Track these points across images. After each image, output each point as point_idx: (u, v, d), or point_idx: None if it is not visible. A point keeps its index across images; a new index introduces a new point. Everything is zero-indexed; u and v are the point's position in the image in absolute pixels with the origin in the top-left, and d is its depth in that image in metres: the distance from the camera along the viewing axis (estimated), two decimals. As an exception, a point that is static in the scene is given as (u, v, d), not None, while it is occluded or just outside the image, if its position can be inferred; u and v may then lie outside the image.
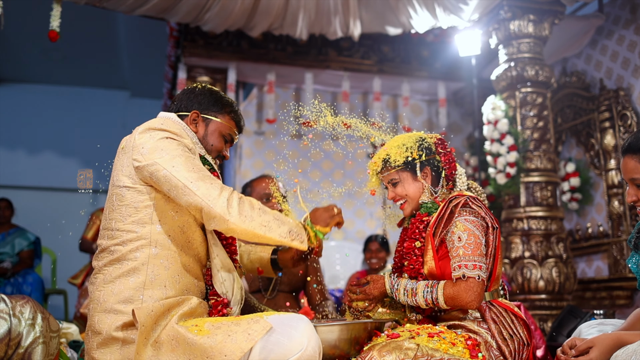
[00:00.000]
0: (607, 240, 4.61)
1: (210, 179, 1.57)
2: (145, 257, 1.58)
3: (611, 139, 4.58)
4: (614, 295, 4.45)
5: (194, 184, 1.53)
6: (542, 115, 4.06)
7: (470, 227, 1.75)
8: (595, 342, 1.56)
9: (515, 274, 3.80)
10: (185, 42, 5.10)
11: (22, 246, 5.21)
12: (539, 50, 4.12)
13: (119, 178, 1.64)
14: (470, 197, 1.79)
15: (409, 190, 1.90)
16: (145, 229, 1.59)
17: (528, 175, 3.98)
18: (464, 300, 1.69)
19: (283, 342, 1.43)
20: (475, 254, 1.71)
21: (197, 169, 1.57)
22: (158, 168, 1.56)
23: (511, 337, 1.71)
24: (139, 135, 1.63)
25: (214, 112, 1.81)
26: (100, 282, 1.59)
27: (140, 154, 1.59)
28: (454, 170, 1.93)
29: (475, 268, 1.70)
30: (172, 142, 1.61)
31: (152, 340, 1.50)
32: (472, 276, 1.69)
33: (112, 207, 1.64)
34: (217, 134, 1.80)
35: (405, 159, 1.89)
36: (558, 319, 3.19)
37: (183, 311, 1.56)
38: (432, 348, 1.57)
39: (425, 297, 1.74)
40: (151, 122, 1.67)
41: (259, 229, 1.55)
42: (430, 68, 5.67)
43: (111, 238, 1.61)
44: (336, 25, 4.33)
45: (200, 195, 1.52)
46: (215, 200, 1.52)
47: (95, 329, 1.55)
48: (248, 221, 1.54)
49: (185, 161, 1.57)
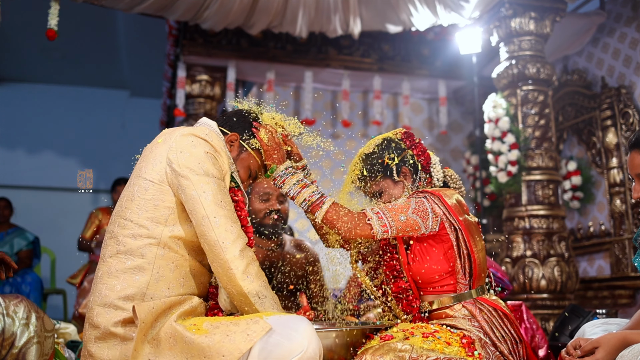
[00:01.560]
0: (609, 239, 4.58)
1: (232, 222, 1.56)
2: (153, 257, 1.55)
3: (613, 137, 4.56)
4: (616, 295, 4.42)
5: (217, 219, 1.53)
6: (543, 113, 4.03)
7: (411, 201, 1.74)
8: (601, 342, 1.53)
9: (516, 273, 3.77)
10: (185, 40, 5.07)
11: (21, 246, 5.20)
12: (540, 47, 4.09)
13: (147, 170, 1.60)
14: (432, 194, 1.77)
15: (395, 195, 1.87)
16: (157, 228, 1.56)
17: (529, 173, 3.95)
18: (338, 225, 1.69)
19: (283, 344, 1.40)
20: (390, 211, 1.71)
21: (225, 205, 1.56)
22: (189, 185, 1.55)
23: (504, 338, 1.68)
24: (181, 137, 1.61)
25: (254, 145, 1.78)
26: (104, 275, 1.56)
27: (177, 157, 1.57)
28: (429, 160, 1.92)
29: (376, 214, 1.70)
30: (210, 159, 1.59)
31: (150, 337, 1.47)
32: (368, 215, 1.69)
33: (131, 196, 1.60)
34: (245, 166, 1.78)
35: (380, 167, 1.87)
36: (560, 318, 3.16)
37: (184, 309, 1.53)
38: (427, 348, 1.54)
39: (304, 203, 1.74)
40: (196, 129, 1.65)
41: (254, 296, 1.54)
42: (431, 66, 5.64)
43: (122, 227, 1.58)
44: (336, 23, 4.30)
45: (217, 233, 1.52)
46: (229, 245, 1.52)
47: (93, 322, 1.52)
48: (248, 283, 1.53)
49: (217, 191, 1.56)
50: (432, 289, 1.79)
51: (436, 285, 1.78)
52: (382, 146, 1.90)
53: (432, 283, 1.78)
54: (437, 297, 1.78)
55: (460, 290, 1.76)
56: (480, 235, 1.82)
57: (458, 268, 1.75)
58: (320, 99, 5.92)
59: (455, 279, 1.76)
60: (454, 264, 1.76)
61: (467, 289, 1.76)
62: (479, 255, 1.77)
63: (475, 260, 1.76)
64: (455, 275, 1.76)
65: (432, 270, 1.76)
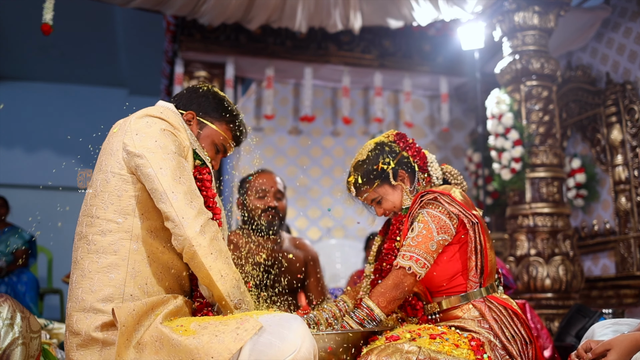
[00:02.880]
0: (613, 238, 4.51)
1: (193, 197, 1.47)
2: (126, 252, 1.48)
3: (618, 134, 4.48)
4: (622, 294, 4.34)
5: (175, 195, 1.44)
6: (547, 109, 3.96)
7: (427, 220, 1.66)
8: (613, 344, 1.46)
9: (520, 272, 3.69)
10: (182, 36, 5.00)
11: (17, 245, 5.14)
12: (544, 42, 4.01)
13: (107, 162, 1.53)
14: (441, 194, 1.69)
15: (395, 200, 1.82)
16: (127, 220, 1.49)
17: (533, 170, 3.88)
18: (394, 304, 1.65)
19: (274, 343, 1.32)
20: (419, 247, 1.63)
21: (184, 180, 1.48)
22: (144, 163, 1.46)
23: (513, 338, 1.62)
24: (135, 120, 1.53)
25: (211, 118, 1.71)
26: (78, 278, 1.48)
27: (132, 139, 1.49)
28: (425, 160, 1.86)
29: (410, 259, 1.62)
30: (168, 136, 1.51)
31: (134, 341, 1.40)
32: (403, 266, 1.62)
33: (95, 192, 1.53)
34: (209, 141, 1.70)
35: (375, 174, 1.80)
36: (566, 318, 3.09)
37: (168, 310, 1.46)
38: (435, 350, 1.47)
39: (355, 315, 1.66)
40: (150, 109, 1.57)
41: (216, 274, 1.46)
42: (432, 63, 5.56)
43: (90, 225, 1.50)
44: (336, 18, 4.22)
45: (176, 208, 1.43)
46: (189, 220, 1.43)
47: (73, 329, 1.45)
48: (212, 259, 1.45)
49: (175, 166, 1.48)
50: (442, 290, 1.73)
51: (447, 286, 1.72)
52: (375, 151, 1.84)
53: (442, 285, 1.72)
54: (447, 298, 1.72)
55: (470, 289, 1.70)
56: (489, 232, 1.77)
57: (472, 265, 1.69)
58: (320, 95, 5.85)
59: (466, 278, 1.70)
60: (466, 263, 1.70)
61: (478, 287, 1.70)
62: (491, 251, 1.73)
63: (487, 256, 1.70)
64: (466, 275, 1.70)
65: (444, 273, 1.71)
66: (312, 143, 5.79)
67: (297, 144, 5.77)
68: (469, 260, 1.69)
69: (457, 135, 6.13)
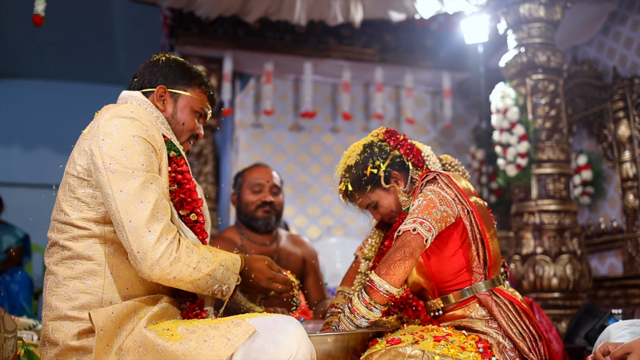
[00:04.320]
0: (621, 236, 4.39)
1: (153, 221, 1.32)
2: (102, 256, 1.37)
3: (625, 130, 4.37)
4: (629, 294, 4.23)
5: (132, 224, 1.30)
6: (554, 104, 3.84)
7: (427, 193, 1.56)
8: (634, 347, 1.36)
9: (526, 271, 3.58)
10: (179, 30, 4.89)
11: (10, 243, 5.05)
12: (550, 35, 3.90)
13: (74, 166, 1.42)
14: (440, 174, 1.60)
15: (391, 204, 1.71)
16: (97, 227, 1.38)
17: (540, 166, 3.76)
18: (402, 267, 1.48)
19: (268, 349, 1.22)
20: (422, 212, 1.52)
21: (148, 201, 1.32)
22: (105, 183, 1.33)
23: (521, 335, 1.51)
24: (104, 122, 1.40)
25: (182, 86, 1.61)
26: (52, 286, 1.39)
27: (98, 147, 1.36)
28: (420, 155, 1.74)
29: (414, 222, 1.50)
30: (138, 144, 1.37)
31: (115, 347, 1.30)
32: (406, 229, 1.49)
33: (63, 196, 1.43)
34: (189, 110, 1.60)
35: (366, 179, 1.69)
36: (575, 318, 2.99)
37: (153, 312, 1.36)
38: (440, 354, 1.37)
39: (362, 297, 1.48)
40: (120, 109, 1.43)
41: (187, 287, 1.38)
42: (435, 58, 5.44)
43: (61, 232, 1.40)
44: (336, 10, 4.11)
45: (131, 241, 1.30)
46: (146, 253, 1.30)
47: (50, 339, 1.35)
48: (175, 281, 1.35)
49: (139, 187, 1.33)
50: (448, 287, 1.63)
51: (453, 282, 1.62)
52: (364, 154, 1.72)
53: (449, 281, 1.62)
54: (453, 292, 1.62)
55: (475, 281, 1.59)
56: (491, 221, 1.67)
57: (473, 255, 1.59)
58: (320, 91, 5.74)
59: (471, 271, 1.60)
60: (468, 254, 1.60)
61: (483, 279, 1.59)
62: (493, 241, 1.62)
63: (489, 246, 1.60)
64: (470, 268, 1.60)
65: (449, 268, 1.61)
66: (312, 140, 5.69)
67: (296, 141, 5.66)
68: (470, 249, 1.60)
69: (460, 132, 6.02)
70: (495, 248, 1.62)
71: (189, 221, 1.49)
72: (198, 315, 1.46)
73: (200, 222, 1.51)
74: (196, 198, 1.49)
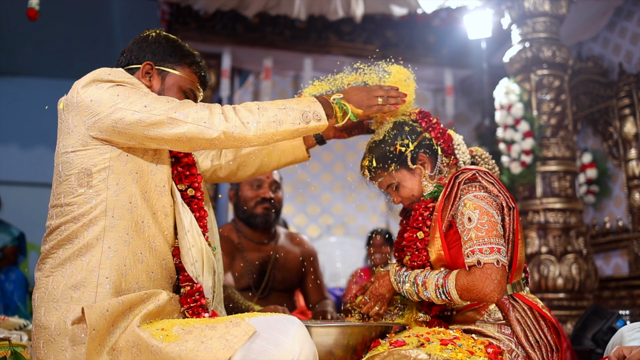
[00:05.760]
0: (626, 236, 4.32)
1: (194, 104, 1.34)
2: (101, 230, 1.31)
3: (631, 127, 4.29)
4: (635, 295, 4.16)
5: (179, 112, 1.30)
6: (559, 100, 3.76)
7: (482, 204, 1.46)
8: (653, 350, 1.27)
9: (531, 270, 3.49)
10: (177, 25, 4.82)
11: (6, 241, 4.98)
12: (555, 30, 3.82)
13: (65, 143, 1.36)
14: (479, 171, 1.50)
15: (414, 187, 1.63)
16: (100, 196, 1.32)
17: (545, 164, 3.68)
18: (482, 292, 1.39)
19: (269, 350, 1.16)
20: (490, 235, 1.43)
21: (173, 100, 1.34)
22: (125, 114, 1.30)
23: (537, 343, 1.43)
24: (82, 89, 1.35)
25: (171, 64, 1.52)
26: (49, 267, 1.32)
27: (96, 106, 1.32)
28: (451, 142, 1.66)
29: (492, 252, 1.41)
30: (128, 88, 1.35)
31: (108, 346, 1.23)
32: (490, 262, 1.40)
33: (59, 179, 1.36)
34: (176, 90, 1.50)
35: (392, 156, 1.61)
36: (581, 320, 2.90)
37: (148, 310, 1.28)
38: (447, 358, 1.29)
39: (437, 291, 1.45)
40: (95, 73, 1.38)
41: (269, 127, 1.34)
42: (437, 54, 5.36)
43: (61, 215, 1.34)
44: (337, 4, 4.04)
45: (191, 121, 1.30)
46: (210, 120, 1.30)
47: (41, 322, 1.28)
48: (253, 126, 1.33)
49: (157, 97, 1.35)
50: None
51: None
52: (393, 131, 1.65)
53: None
54: None
55: None
56: (521, 223, 1.59)
57: None
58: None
59: None
60: None
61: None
62: (522, 245, 1.54)
63: (518, 249, 1.52)
64: None
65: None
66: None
67: (296, 138, 5.59)
68: None
69: (462, 130, 5.94)
70: (522, 252, 1.55)
71: (186, 196, 1.43)
72: (197, 302, 1.38)
73: (198, 198, 1.44)
74: (195, 173, 1.44)
